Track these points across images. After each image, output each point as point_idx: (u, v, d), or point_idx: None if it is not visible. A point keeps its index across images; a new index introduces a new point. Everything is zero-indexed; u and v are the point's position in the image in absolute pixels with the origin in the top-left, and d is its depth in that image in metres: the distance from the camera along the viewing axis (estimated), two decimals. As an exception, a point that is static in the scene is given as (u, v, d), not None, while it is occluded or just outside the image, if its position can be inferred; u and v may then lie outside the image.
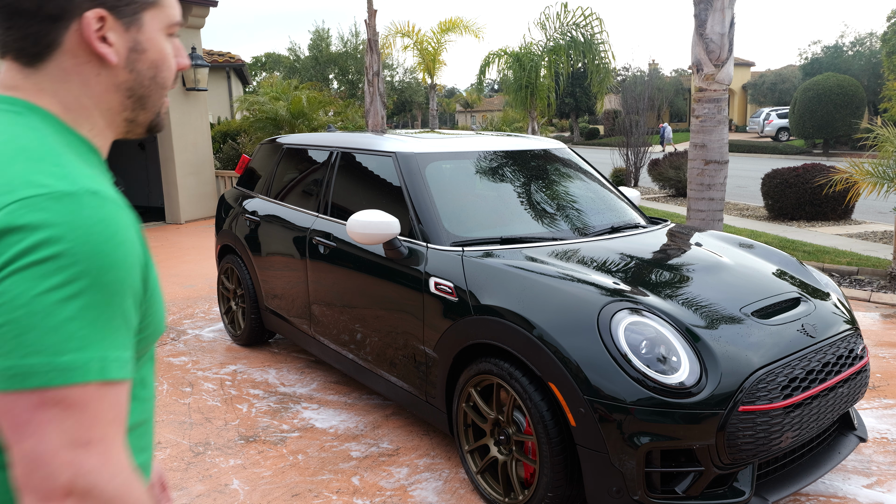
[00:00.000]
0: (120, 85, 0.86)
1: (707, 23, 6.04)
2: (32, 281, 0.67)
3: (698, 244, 3.30)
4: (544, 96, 14.51)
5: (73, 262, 0.69)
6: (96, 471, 0.68)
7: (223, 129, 13.36)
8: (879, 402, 3.74)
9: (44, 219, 0.69)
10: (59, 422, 0.67)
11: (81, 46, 0.82)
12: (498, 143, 3.78)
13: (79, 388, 0.68)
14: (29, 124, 0.79)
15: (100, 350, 0.70)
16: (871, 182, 6.23)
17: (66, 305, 0.68)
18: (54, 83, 0.82)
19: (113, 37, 0.82)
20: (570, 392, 2.35)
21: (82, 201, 0.71)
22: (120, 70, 0.85)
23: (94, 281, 0.70)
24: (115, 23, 0.82)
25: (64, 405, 0.68)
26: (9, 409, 0.67)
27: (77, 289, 0.69)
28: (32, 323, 0.67)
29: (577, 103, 37.93)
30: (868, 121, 24.34)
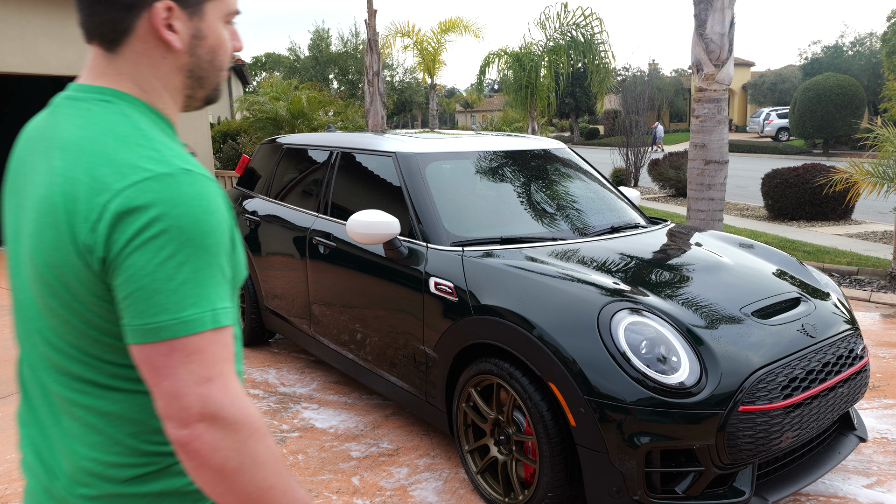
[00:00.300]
0: (182, 67, 0.97)
1: (707, 23, 6.05)
2: (151, 253, 0.82)
3: (698, 244, 3.30)
4: (544, 96, 14.51)
5: (179, 234, 0.83)
6: (219, 400, 0.85)
7: (223, 129, 13.37)
8: (879, 402, 3.74)
9: (151, 199, 0.83)
10: (186, 364, 0.84)
11: (151, 33, 0.93)
12: (498, 143, 3.78)
13: (198, 336, 0.85)
14: (121, 111, 0.92)
15: (210, 303, 0.86)
16: (871, 182, 6.23)
17: (179, 270, 0.83)
18: (130, 66, 0.94)
19: (178, 25, 0.93)
20: (570, 392, 2.35)
21: (179, 179, 0.85)
22: (182, 54, 0.96)
23: (197, 247, 0.84)
24: (181, 12, 0.93)
25: (188, 351, 0.84)
26: (147, 357, 0.84)
27: (185, 256, 0.83)
28: (157, 287, 0.82)
29: (577, 103, 37.94)
30: (868, 121, 24.35)
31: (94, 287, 0.87)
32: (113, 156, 0.86)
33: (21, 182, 0.96)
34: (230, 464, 0.85)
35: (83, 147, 0.88)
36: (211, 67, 1.00)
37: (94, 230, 0.84)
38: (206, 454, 0.85)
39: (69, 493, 0.95)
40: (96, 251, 0.84)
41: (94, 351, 0.91)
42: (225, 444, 0.85)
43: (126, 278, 0.83)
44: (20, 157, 0.98)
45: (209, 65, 1.00)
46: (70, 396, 0.94)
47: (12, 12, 8.62)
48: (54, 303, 0.90)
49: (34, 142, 0.96)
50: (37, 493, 1.00)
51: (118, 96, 0.93)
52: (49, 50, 9.05)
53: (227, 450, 0.85)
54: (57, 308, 0.90)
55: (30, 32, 8.82)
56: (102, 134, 0.89)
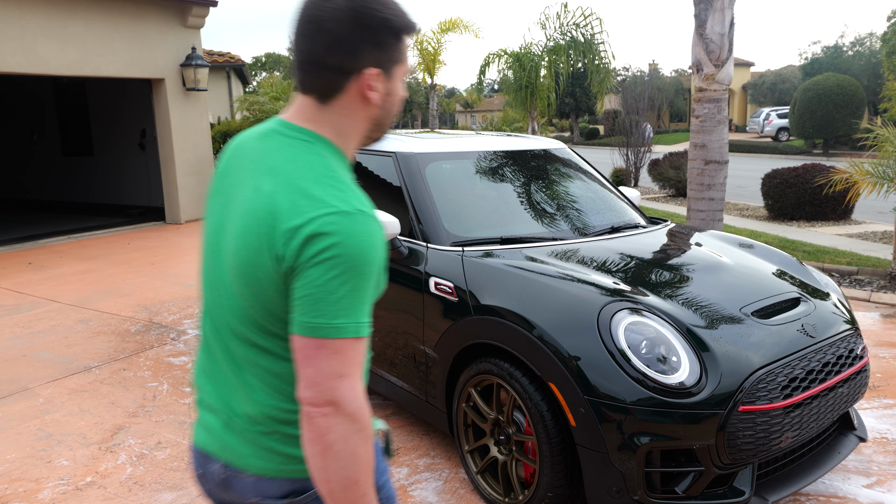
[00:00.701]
0: (373, 117, 1.23)
1: (707, 23, 6.05)
2: (324, 271, 1.06)
3: (698, 244, 3.30)
4: (544, 96, 14.50)
5: (347, 260, 1.06)
6: (346, 394, 1.07)
7: (223, 129, 13.37)
8: (879, 402, 3.74)
9: (333, 230, 1.06)
10: (328, 360, 1.06)
11: (357, 92, 1.18)
12: (498, 143, 3.78)
13: (343, 340, 1.07)
14: (317, 151, 1.17)
15: (357, 317, 1.08)
16: (871, 182, 6.23)
17: (341, 287, 1.06)
18: (334, 116, 1.19)
19: (378, 86, 1.18)
20: (570, 392, 2.35)
21: (355, 218, 1.08)
22: (376, 108, 1.21)
23: (357, 273, 1.07)
24: (381, 76, 1.18)
25: (332, 350, 1.06)
26: (301, 347, 1.08)
27: (347, 278, 1.06)
28: (322, 297, 1.06)
29: (577, 103, 37.92)
30: (868, 121, 24.34)
31: (279, 285, 1.11)
32: (310, 190, 1.11)
33: (229, 188, 1.23)
34: (336, 446, 1.06)
35: (287, 177, 1.13)
36: (390, 116, 1.25)
37: (287, 245, 1.08)
38: (322, 431, 1.06)
39: (247, 428, 1.22)
40: (286, 261, 1.09)
41: (271, 328, 1.16)
42: (338, 429, 1.06)
43: (302, 285, 1.07)
44: (230, 165, 1.26)
45: (388, 114, 1.24)
46: (252, 358, 1.20)
47: (12, 12, 8.61)
48: (247, 290, 1.16)
49: (245, 160, 1.22)
50: (214, 426, 1.27)
51: (317, 139, 1.19)
52: (49, 50, 9.04)
53: (337, 434, 1.06)
54: (248, 294, 1.16)
55: (30, 32, 8.81)
56: (304, 170, 1.14)
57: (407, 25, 1.19)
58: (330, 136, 1.20)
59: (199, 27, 10.95)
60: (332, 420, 1.06)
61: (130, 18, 10.00)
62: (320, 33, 1.14)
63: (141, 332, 5.31)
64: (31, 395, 4.11)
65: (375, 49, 1.16)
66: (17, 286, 6.95)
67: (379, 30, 1.15)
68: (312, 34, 1.16)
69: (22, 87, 13.93)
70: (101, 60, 9.68)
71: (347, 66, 1.15)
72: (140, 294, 6.48)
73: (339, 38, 1.13)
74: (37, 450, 3.41)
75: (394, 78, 1.21)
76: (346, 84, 1.17)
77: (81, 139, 13.45)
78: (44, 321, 5.67)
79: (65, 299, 6.35)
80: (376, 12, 1.14)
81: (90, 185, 13.66)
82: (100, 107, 13.05)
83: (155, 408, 3.88)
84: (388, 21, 1.15)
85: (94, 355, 4.79)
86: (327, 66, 1.15)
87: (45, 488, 3.04)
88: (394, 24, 1.16)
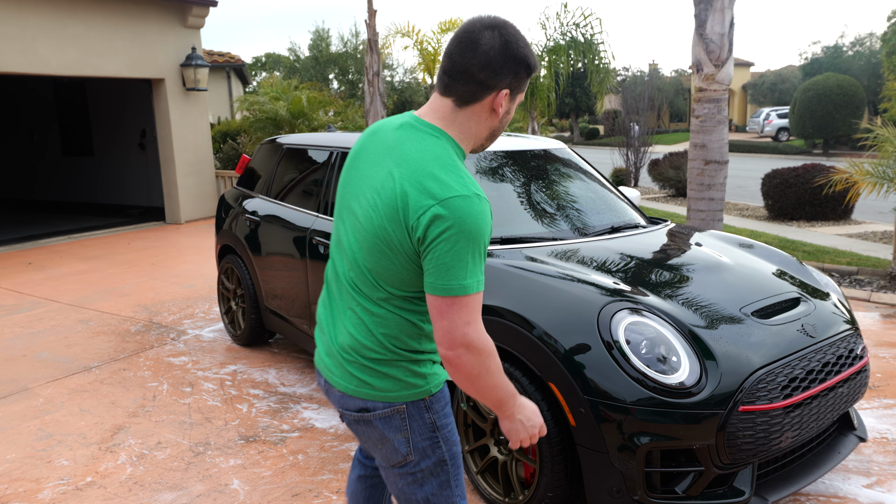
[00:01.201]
0: (491, 126, 1.55)
1: (707, 23, 6.05)
2: (449, 244, 1.37)
3: (698, 244, 3.30)
4: (544, 96, 14.49)
5: (466, 235, 1.37)
6: (473, 336, 1.41)
7: (223, 129, 13.36)
8: (879, 402, 3.74)
9: (454, 210, 1.37)
10: (459, 312, 1.40)
11: (489, 104, 1.50)
12: (498, 143, 3.78)
13: (469, 296, 1.40)
14: (443, 145, 1.48)
15: (477, 276, 1.41)
16: (871, 182, 6.23)
17: (464, 256, 1.38)
18: (464, 119, 1.51)
19: (504, 103, 1.51)
20: (570, 392, 2.35)
21: (471, 201, 1.38)
22: (496, 119, 1.54)
23: (474, 244, 1.38)
24: (508, 97, 1.51)
25: (461, 304, 1.40)
26: (437, 304, 1.41)
27: (468, 248, 1.38)
28: (450, 264, 1.37)
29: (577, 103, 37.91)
30: (868, 121, 24.34)
31: (406, 249, 1.43)
32: (438, 175, 1.41)
33: (365, 166, 1.54)
34: (474, 372, 1.44)
35: (418, 164, 1.43)
36: (501, 129, 1.58)
37: (418, 220, 1.39)
38: (462, 366, 1.43)
39: (339, 355, 1.60)
40: (416, 233, 1.40)
41: (381, 283, 1.51)
42: (473, 361, 1.43)
43: (434, 257, 1.39)
44: (367, 147, 1.57)
45: (502, 127, 1.58)
46: (354, 302, 1.56)
47: (12, 12, 8.61)
48: (376, 250, 1.48)
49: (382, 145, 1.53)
50: (321, 349, 1.67)
51: (444, 135, 1.50)
52: (49, 50, 9.04)
53: (473, 365, 1.43)
54: (377, 253, 1.48)
55: (30, 32, 8.81)
56: (432, 159, 1.44)
57: (534, 66, 1.53)
58: (455, 135, 1.51)
59: (199, 27, 10.95)
60: (466, 358, 1.42)
61: (130, 18, 10.00)
62: (477, 53, 1.45)
63: (141, 332, 5.31)
64: (31, 395, 4.11)
65: (512, 76, 1.49)
66: (17, 286, 6.96)
67: (518, 63, 1.48)
68: (470, 52, 1.46)
69: (22, 88, 13.93)
70: (101, 60, 9.68)
71: (491, 82, 1.47)
72: (140, 294, 6.48)
73: (491, 60, 1.45)
74: (37, 450, 3.41)
75: (514, 100, 1.54)
76: (484, 96, 1.49)
77: (82, 139, 13.46)
78: (44, 321, 5.67)
79: (65, 299, 6.35)
80: (521, 49, 1.48)
81: (90, 185, 13.67)
82: (100, 107, 13.05)
83: (155, 408, 3.88)
84: (526, 58, 1.49)
85: (94, 355, 4.79)
86: (476, 78, 1.46)
87: (45, 488, 3.04)
88: (528, 62, 1.50)
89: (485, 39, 1.45)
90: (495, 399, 1.50)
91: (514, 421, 1.55)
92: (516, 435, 1.57)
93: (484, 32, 1.47)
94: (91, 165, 13.53)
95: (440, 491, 1.63)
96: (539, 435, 1.60)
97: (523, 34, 1.53)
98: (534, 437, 1.59)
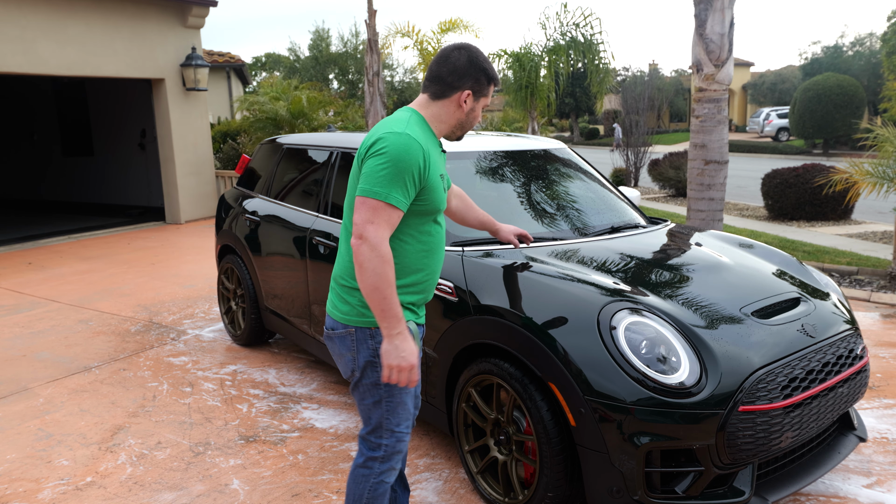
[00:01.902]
0: (459, 119, 2.09)
1: (707, 23, 6.05)
2: (375, 160, 1.89)
3: (698, 244, 3.30)
4: (544, 96, 14.48)
5: (388, 156, 1.87)
6: (373, 234, 1.85)
7: (223, 129, 13.36)
8: (879, 402, 3.74)
9: (386, 138, 1.89)
10: (367, 212, 1.87)
11: (454, 101, 2.06)
12: (498, 143, 3.78)
13: (378, 202, 1.86)
14: (407, 114, 2.03)
15: (389, 191, 1.87)
16: (871, 182, 6.23)
17: (383, 170, 1.87)
18: (437, 109, 2.07)
19: (468, 101, 2.06)
20: (570, 392, 2.35)
21: (402, 136, 1.90)
22: (462, 113, 2.08)
23: (394, 166, 1.87)
24: (471, 97, 2.06)
25: (370, 205, 1.87)
26: (357, 202, 1.89)
27: (388, 166, 1.87)
28: (372, 173, 1.88)
29: (577, 103, 37.91)
30: (868, 121, 24.34)
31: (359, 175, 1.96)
32: (387, 123, 1.97)
33: None
34: (365, 265, 1.85)
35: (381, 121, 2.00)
36: (467, 125, 2.12)
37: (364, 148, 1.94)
38: (357, 255, 1.86)
39: (333, 282, 2.10)
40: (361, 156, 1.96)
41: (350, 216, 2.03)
42: (367, 255, 1.84)
43: (365, 168, 1.92)
44: None
45: (468, 122, 2.11)
46: (344, 236, 2.07)
47: (12, 12, 8.61)
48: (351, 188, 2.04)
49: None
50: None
51: (413, 111, 2.05)
52: (49, 50, 9.04)
53: (366, 258, 1.84)
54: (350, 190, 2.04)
55: (30, 32, 8.81)
56: (392, 119, 2.00)
57: (493, 76, 2.07)
58: (426, 115, 2.06)
59: (199, 27, 10.95)
60: (362, 247, 1.85)
61: (130, 19, 10.00)
62: (447, 63, 2.04)
63: (141, 332, 5.31)
64: (31, 395, 4.11)
65: (473, 81, 2.04)
66: (17, 286, 6.96)
67: (479, 71, 2.04)
68: (443, 63, 2.04)
69: (22, 88, 13.93)
70: (101, 60, 9.68)
71: (456, 84, 2.03)
72: (140, 294, 6.48)
73: (457, 68, 2.02)
74: (37, 450, 3.41)
75: (477, 104, 2.09)
76: (451, 94, 2.04)
77: (81, 139, 13.46)
78: (44, 321, 5.67)
79: (65, 299, 6.35)
80: (481, 63, 2.04)
81: (90, 185, 13.67)
82: (100, 107, 13.05)
83: (155, 408, 3.88)
84: (486, 69, 2.05)
85: (94, 355, 4.79)
86: (445, 81, 2.03)
87: (45, 488, 3.04)
88: (488, 72, 2.06)
89: (454, 55, 2.03)
90: (378, 306, 1.85)
91: (390, 344, 1.88)
92: (386, 357, 1.89)
93: (454, 51, 2.04)
94: (91, 165, 13.53)
95: (375, 408, 2.05)
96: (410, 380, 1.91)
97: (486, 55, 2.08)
98: (402, 372, 1.89)
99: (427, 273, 2.09)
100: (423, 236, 2.05)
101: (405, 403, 2.06)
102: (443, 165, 2.12)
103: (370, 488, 2.09)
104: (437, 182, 2.00)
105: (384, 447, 2.08)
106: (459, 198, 2.61)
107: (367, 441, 2.10)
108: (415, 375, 1.91)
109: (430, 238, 2.06)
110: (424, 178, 1.92)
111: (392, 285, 1.84)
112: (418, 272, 2.06)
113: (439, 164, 2.07)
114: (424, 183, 1.94)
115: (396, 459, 2.11)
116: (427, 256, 2.07)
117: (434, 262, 2.10)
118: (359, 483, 2.10)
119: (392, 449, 2.08)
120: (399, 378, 1.90)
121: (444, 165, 2.16)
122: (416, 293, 2.08)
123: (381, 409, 2.04)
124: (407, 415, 2.08)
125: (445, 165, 2.19)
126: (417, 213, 2.00)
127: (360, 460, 2.11)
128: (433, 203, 2.00)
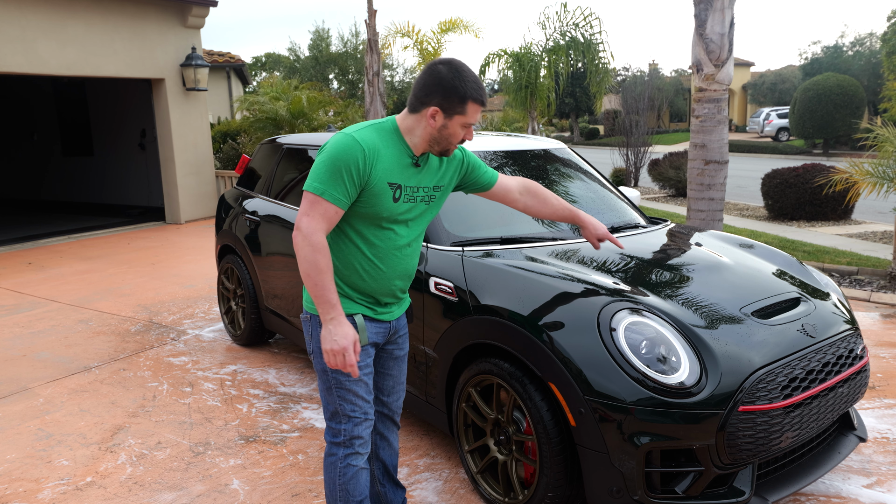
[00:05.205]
0: (430, 135, 2.07)
1: (707, 23, 6.05)
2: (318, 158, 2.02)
3: (698, 244, 3.30)
4: (544, 96, 14.48)
5: (327, 154, 1.99)
6: (306, 224, 1.97)
7: (223, 129, 13.35)
8: (879, 402, 3.74)
9: (332, 139, 2.02)
10: (304, 204, 1.99)
11: (425, 115, 2.04)
12: (498, 143, 3.78)
13: (313, 195, 1.98)
14: (383, 124, 2.09)
15: (325, 186, 1.97)
16: (871, 182, 6.23)
17: (321, 167, 1.98)
18: (410, 122, 2.08)
19: (437, 117, 2.03)
20: (570, 392, 2.35)
21: (346, 137, 1.99)
22: (434, 130, 2.05)
23: (330, 163, 1.97)
24: (440, 114, 2.03)
25: (307, 198, 1.99)
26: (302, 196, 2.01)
27: (325, 164, 1.98)
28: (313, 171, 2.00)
29: (577, 103, 37.90)
30: (868, 121, 24.34)
31: None
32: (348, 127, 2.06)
33: None
34: (301, 254, 1.96)
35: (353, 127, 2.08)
36: (443, 141, 2.07)
37: None
38: (295, 244, 1.97)
39: None
40: None
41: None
42: (301, 244, 1.96)
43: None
44: None
45: (441, 139, 2.07)
46: None
47: (12, 12, 8.61)
48: None
49: None
50: None
51: (391, 121, 2.10)
52: (49, 50, 9.04)
53: (301, 247, 1.96)
54: None
55: (30, 32, 8.81)
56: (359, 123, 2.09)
57: (469, 96, 2.00)
58: (402, 128, 2.08)
59: (199, 27, 10.95)
60: (297, 237, 1.97)
61: (130, 18, 10.00)
62: (421, 80, 2.04)
63: (141, 332, 5.31)
64: (31, 395, 4.11)
65: (440, 98, 2.00)
66: (17, 286, 6.96)
67: (448, 90, 2.00)
68: (420, 76, 2.05)
69: (22, 88, 13.93)
70: (101, 60, 9.68)
71: (424, 100, 2.02)
72: (140, 294, 6.48)
73: (426, 84, 2.02)
74: (37, 450, 3.41)
75: (451, 121, 2.03)
76: (420, 109, 2.04)
77: (81, 139, 13.46)
78: (44, 321, 5.67)
79: (65, 299, 6.35)
80: (452, 82, 1.99)
81: (90, 185, 13.67)
82: (100, 107, 13.05)
83: (155, 408, 3.88)
84: (456, 89, 1.99)
85: (94, 355, 4.79)
86: (416, 96, 2.04)
87: (45, 488, 3.04)
88: (459, 92, 1.99)
89: (431, 70, 2.02)
90: (312, 292, 1.97)
91: (325, 328, 1.99)
92: (322, 341, 2.00)
93: (435, 65, 2.02)
94: (91, 165, 13.52)
95: (328, 394, 2.18)
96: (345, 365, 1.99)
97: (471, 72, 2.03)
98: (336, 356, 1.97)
99: (373, 278, 2.13)
100: (372, 239, 2.10)
101: (354, 391, 2.15)
102: (411, 177, 2.10)
103: (339, 473, 2.19)
104: (384, 189, 2.02)
105: (343, 432, 2.18)
106: (530, 195, 2.52)
107: (330, 428, 2.21)
108: (350, 360, 1.98)
109: (379, 243, 2.10)
110: (363, 180, 1.97)
111: (324, 273, 1.94)
112: (363, 273, 2.12)
113: (396, 173, 2.05)
114: (364, 185, 1.99)
115: (359, 444, 2.19)
116: (374, 260, 2.11)
117: (383, 269, 2.13)
118: (329, 471, 2.21)
119: (350, 433, 2.18)
120: (335, 362, 1.98)
121: (420, 178, 2.13)
122: (361, 293, 2.15)
123: (333, 395, 2.16)
124: (360, 401, 2.17)
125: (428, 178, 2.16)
126: (362, 215, 2.06)
127: (327, 448, 2.23)
128: (376, 208, 2.03)
